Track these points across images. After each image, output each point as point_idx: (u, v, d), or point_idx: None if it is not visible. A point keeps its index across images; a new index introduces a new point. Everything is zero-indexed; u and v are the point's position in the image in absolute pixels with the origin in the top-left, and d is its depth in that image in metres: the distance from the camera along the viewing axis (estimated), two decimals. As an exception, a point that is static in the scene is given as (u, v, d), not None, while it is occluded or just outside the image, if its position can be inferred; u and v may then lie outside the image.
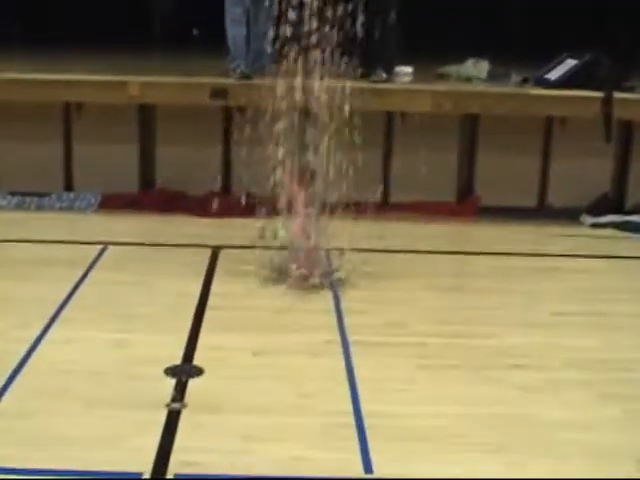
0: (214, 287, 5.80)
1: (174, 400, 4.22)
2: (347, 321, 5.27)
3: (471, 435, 4.02)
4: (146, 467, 3.65)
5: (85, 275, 5.95)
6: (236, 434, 3.94)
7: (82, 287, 5.74)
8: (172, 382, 4.41)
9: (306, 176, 6.16)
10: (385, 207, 7.52)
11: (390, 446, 3.88)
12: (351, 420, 4.11)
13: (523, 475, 3.71)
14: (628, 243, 7.31)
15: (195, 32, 9.39)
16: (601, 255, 6.87)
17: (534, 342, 5.05)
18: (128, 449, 3.77)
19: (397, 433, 4.00)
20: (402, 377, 4.58)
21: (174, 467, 3.67)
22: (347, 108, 6.68)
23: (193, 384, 4.42)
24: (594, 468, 3.77)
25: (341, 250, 6.10)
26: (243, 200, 6.94)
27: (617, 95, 7.46)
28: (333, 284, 5.76)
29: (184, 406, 4.18)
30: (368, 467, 3.72)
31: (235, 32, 7.45)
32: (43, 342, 4.88)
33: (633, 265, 6.71)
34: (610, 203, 7.79)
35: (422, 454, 3.85)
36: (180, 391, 4.32)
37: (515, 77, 7.87)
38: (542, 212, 7.73)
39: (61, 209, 7.57)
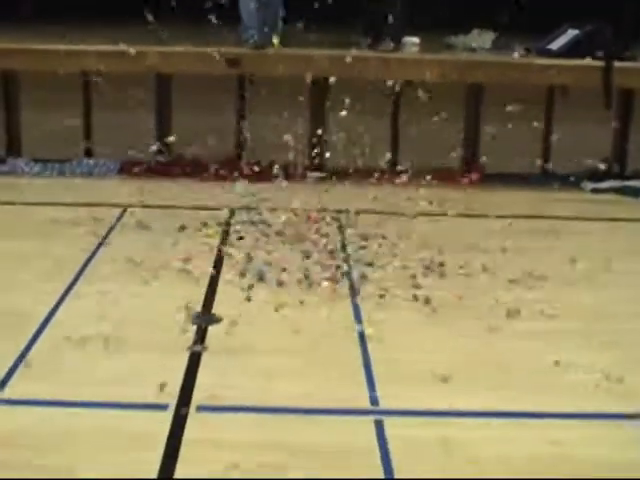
0: (232, 244, 6.12)
1: (195, 344, 4.54)
2: (356, 274, 5.59)
3: (471, 376, 4.33)
4: (171, 400, 3.98)
5: (107, 235, 6.28)
6: (253, 373, 4.27)
7: (105, 245, 6.06)
8: (193, 328, 4.74)
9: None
10: (392, 173, 7.80)
11: (395, 384, 4.20)
12: (360, 362, 4.43)
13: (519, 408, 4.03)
14: (628, 207, 7.60)
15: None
16: (601, 218, 7.16)
17: (535, 296, 5.34)
18: (154, 385, 4.10)
19: (402, 373, 4.32)
20: (408, 325, 4.90)
21: (197, 401, 4.00)
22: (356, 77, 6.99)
23: (213, 330, 4.74)
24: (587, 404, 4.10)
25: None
26: (256, 166, 7.30)
27: (617, 64, 7.72)
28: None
29: (205, 349, 4.51)
30: (375, 401, 4.04)
31: (247, 2, 7.70)
32: (70, 295, 5.21)
33: (632, 227, 6.99)
34: (610, 169, 8.06)
35: (425, 391, 4.16)
36: (201, 336, 4.65)
37: (518, 47, 8.11)
38: (544, 178, 7.99)
39: (82, 175, 7.89)
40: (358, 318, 4.96)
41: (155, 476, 3.43)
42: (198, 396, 4.05)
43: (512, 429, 3.91)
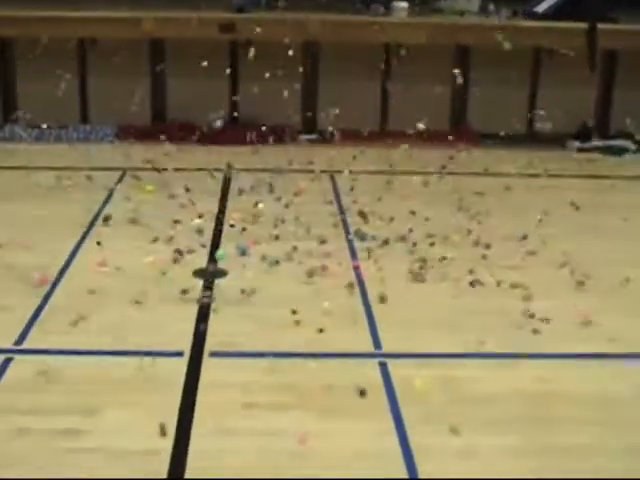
0: (229, 204, 6.31)
1: (204, 296, 4.75)
2: (353, 231, 5.81)
3: (465, 323, 4.57)
4: (186, 347, 4.20)
5: (109, 197, 6.46)
6: (260, 321, 4.48)
7: (108, 206, 6.25)
8: (200, 282, 4.95)
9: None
10: (383, 134, 8.01)
11: (395, 329, 4.44)
12: (361, 308, 4.66)
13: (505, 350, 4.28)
14: (611, 165, 7.85)
15: None
16: (586, 175, 7.40)
17: (524, 247, 5.58)
18: (169, 334, 4.32)
19: (401, 319, 4.56)
20: (405, 277, 5.12)
21: (209, 347, 4.22)
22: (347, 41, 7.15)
23: (219, 283, 4.95)
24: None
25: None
26: (249, 129, 7.49)
27: (601, 26, 7.91)
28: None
29: (213, 300, 4.72)
30: (377, 344, 4.28)
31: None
32: (79, 252, 5.40)
33: (615, 184, 7.22)
34: (594, 129, 8.29)
35: (423, 336, 4.40)
36: (208, 288, 4.85)
37: (505, 10, 8.30)
38: (531, 138, 8.20)
39: (78, 140, 8.04)
40: (358, 271, 5.18)
41: (176, 416, 3.64)
42: (210, 343, 4.26)
43: (500, 369, 4.15)
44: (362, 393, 3.44)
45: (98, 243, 5.44)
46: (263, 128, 7.57)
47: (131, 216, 5.98)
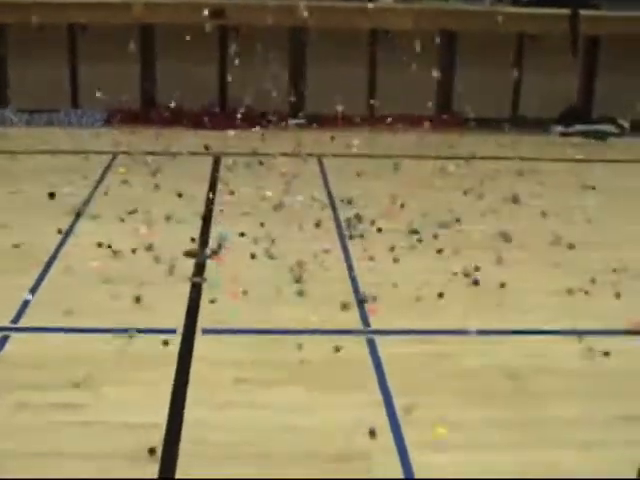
0: (218, 188, 6.43)
1: (195, 275, 4.87)
2: (342, 214, 5.94)
3: (453, 299, 4.72)
4: (178, 324, 4.33)
5: (100, 180, 6.56)
6: (251, 301, 4.61)
7: (100, 189, 6.36)
8: (191, 262, 5.07)
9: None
10: (371, 119, 8.14)
11: (383, 307, 4.59)
12: (349, 288, 4.80)
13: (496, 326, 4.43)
14: (593, 148, 8.00)
15: None
16: (569, 159, 7.55)
17: (505, 228, 5.73)
18: (162, 311, 4.45)
19: (389, 297, 4.70)
20: (394, 255, 5.27)
21: (201, 324, 4.35)
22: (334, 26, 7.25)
23: (210, 264, 5.08)
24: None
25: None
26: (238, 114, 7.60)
27: (583, 12, 8.05)
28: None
29: (204, 280, 4.84)
30: (365, 322, 4.42)
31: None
32: (72, 235, 5.51)
33: (597, 167, 7.37)
34: (577, 113, 8.43)
35: (411, 312, 4.54)
36: (199, 268, 4.98)
37: (490, -4, 8.43)
38: (516, 122, 8.33)
39: (69, 124, 8.12)
40: (346, 249, 5.32)
41: (170, 391, 3.77)
42: (202, 320, 4.39)
43: (491, 344, 4.29)
44: (372, 434, 3.52)
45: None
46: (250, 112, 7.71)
47: (122, 197, 6.10)
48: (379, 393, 3.82)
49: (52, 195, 6.09)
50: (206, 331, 4.30)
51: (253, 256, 5.19)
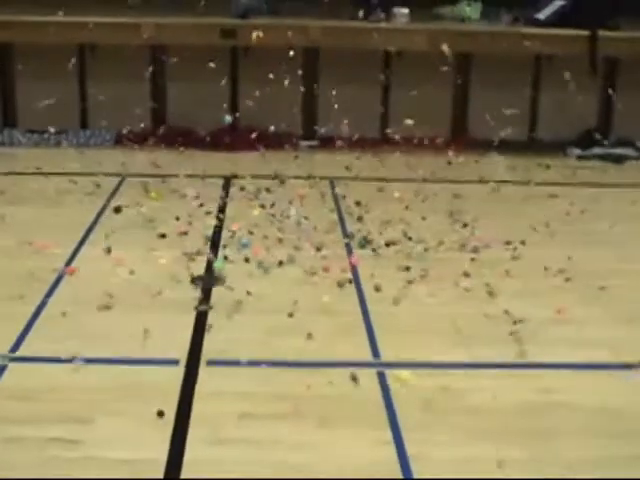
0: (228, 211, 6.28)
1: (201, 303, 4.72)
2: (352, 239, 5.78)
3: (463, 329, 4.54)
4: (182, 355, 4.17)
5: (107, 202, 6.43)
6: (259, 330, 4.45)
7: (106, 212, 6.22)
8: (198, 290, 4.92)
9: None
10: (382, 140, 7.99)
11: (394, 338, 4.41)
12: (360, 317, 4.64)
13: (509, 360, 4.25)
14: (611, 173, 7.81)
15: None
16: (586, 183, 7.37)
17: (521, 255, 5.56)
18: (166, 341, 4.29)
19: (400, 327, 4.53)
20: (402, 281, 5.10)
21: (206, 355, 4.19)
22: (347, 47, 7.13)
23: (216, 291, 4.92)
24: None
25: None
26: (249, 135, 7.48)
27: (603, 33, 7.89)
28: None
29: (210, 308, 4.69)
30: (376, 353, 4.25)
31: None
32: (77, 258, 5.38)
33: (616, 193, 7.19)
34: (595, 136, 8.27)
35: (422, 344, 4.37)
36: (205, 296, 4.83)
37: (506, 17, 8.27)
38: (531, 145, 8.17)
39: (78, 145, 8.01)
40: (356, 276, 5.15)
41: (172, 426, 3.61)
42: (207, 351, 4.23)
43: (504, 379, 4.11)
44: (354, 379, 3.42)
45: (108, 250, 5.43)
46: (262, 134, 7.58)
47: (128, 221, 5.97)
48: (388, 429, 3.65)
49: (118, 210, 6.13)
50: (211, 362, 4.14)
51: (257, 279, 5.05)
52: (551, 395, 3.96)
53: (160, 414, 3.64)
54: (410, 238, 5.77)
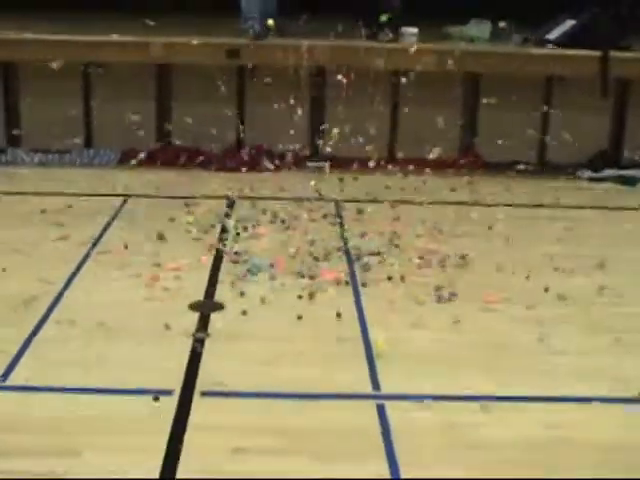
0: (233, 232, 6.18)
1: (198, 331, 4.61)
2: (356, 266, 5.65)
3: (467, 358, 4.41)
4: (176, 385, 4.05)
5: (110, 223, 6.34)
6: (256, 359, 4.33)
7: (109, 233, 6.12)
8: (195, 316, 4.81)
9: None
10: (391, 161, 7.87)
11: (395, 367, 4.28)
12: (360, 345, 4.51)
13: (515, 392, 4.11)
14: (624, 195, 7.67)
15: None
16: (598, 206, 7.23)
17: (531, 283, 5.42)
18: (160, 371, 4.17)
19: (402, 358, 4.40)
20: (405, 307, 4.99)
21: (201, 386, 4.07)
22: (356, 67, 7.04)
23: (215, 317, 4.81)
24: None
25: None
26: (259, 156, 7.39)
27: (614, 54, 7.76)
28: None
29: (208, 336, 4.57)
30: (376, 385, 4.12)
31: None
32: (76, 280, 5.28)
33: (629, 215, 7.05)
34: (607, 158, 8.14)
35: (425, 376, 4.23)
36: (203, 323, 4.71)
37: (516, 37, 8.16)
38: (542, 167, 8.05)
39: (82, 165, 7.93)
40: (359, 304, 5.03)
41: (161, 459, 3.49)
42: (202, 382, 4.11)
43: (509, 413, 3.97)
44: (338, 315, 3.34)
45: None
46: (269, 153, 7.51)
47: (131, 242, 5.87)
48: (386, 464, 3.52)
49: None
50: (205, 393, 4.02)
51: (256, 308, 4.93)
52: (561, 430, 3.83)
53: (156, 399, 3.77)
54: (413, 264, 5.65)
